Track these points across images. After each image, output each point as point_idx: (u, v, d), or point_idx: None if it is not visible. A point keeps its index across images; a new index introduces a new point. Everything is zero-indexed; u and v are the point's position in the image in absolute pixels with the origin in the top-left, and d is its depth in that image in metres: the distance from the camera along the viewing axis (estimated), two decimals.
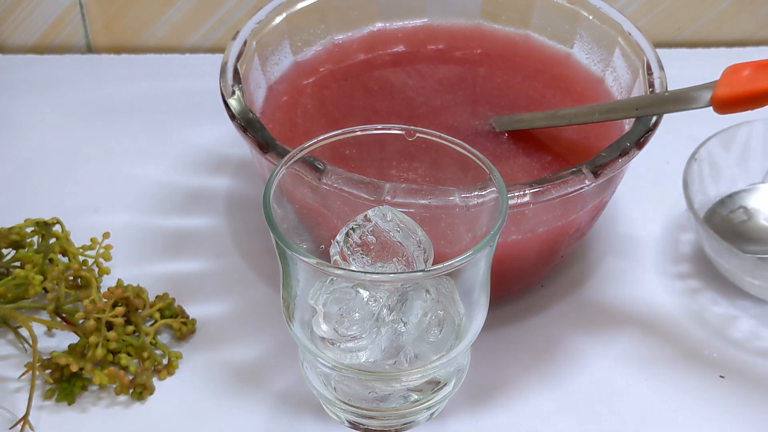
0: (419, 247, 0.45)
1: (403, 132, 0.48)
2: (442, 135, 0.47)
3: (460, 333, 0.45)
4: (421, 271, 0.44)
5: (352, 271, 0.44)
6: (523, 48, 0.71)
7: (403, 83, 0.69)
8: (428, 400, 0.46)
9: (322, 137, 0.47)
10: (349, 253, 0.44)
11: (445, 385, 0.46)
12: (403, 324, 0.43)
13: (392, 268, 0.44)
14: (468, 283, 0.44)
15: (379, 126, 0.48)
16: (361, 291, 0.43)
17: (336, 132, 0.47)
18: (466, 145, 0.46)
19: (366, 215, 0.45)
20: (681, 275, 0.67)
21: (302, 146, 0.46)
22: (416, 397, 0.46)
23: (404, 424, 0.47)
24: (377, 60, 0.71)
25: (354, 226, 0.45)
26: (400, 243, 0.44)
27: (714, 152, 0.68)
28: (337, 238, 0.45)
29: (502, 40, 0.72)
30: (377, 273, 0.44)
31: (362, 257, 0.44)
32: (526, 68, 0.70)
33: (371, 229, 0.45)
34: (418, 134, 0.47)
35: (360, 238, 0.45)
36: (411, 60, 0.71)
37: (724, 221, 0.68)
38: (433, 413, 0.47)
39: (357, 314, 0.43)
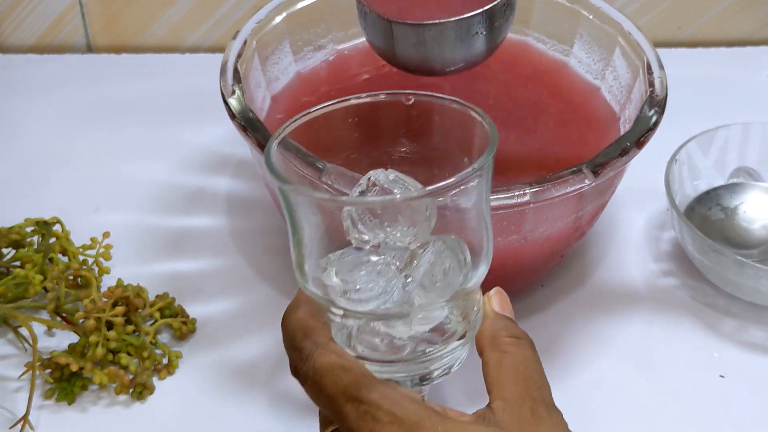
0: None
1: (401, 98, 0.47)
2: (438, 95, 0.47)
3: (467, 279, 0.45)
4: (420, 191, 0.44)
5: (356, 198, 0.44)
6: (523, 50, 0.71)
7: (402, 82, 0.69)
8: (441, 350, 0.46)
9: (320, 106, 0.46)
10: (357, 218, 0.45)
11: (454, 333, 0.46)
12: (411, 278, 0.43)
13: (400, 230, 0.45)
14: (469, 220, 0.44)
15: (377, 92, 0.48)
16: (373, 257, 0.44)
17: (331, 102, 0.47)
18: (461, 100, 0.46)
19: (369, 178, 0.45)
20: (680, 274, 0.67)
21: (301, 114, 0.46)
22: (428, 348, 0.46)
23: (422, 376, 0.47)
24: (377, 60, 0.71)
25: (360, 191, 0.45)
26: None
27: (693, 154, 0.68)
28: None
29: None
30: (378, 198, 0.44)
31: (371, 220, 0.45)
32: (525, 68, 0.70)
33: (377, 192, 0.45)
34: (414, 98, 0.47)
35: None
36: None
37: (705, 221, 0.68)
38: (447, 371, 0.47)
39: (370, 279, 0.43)
